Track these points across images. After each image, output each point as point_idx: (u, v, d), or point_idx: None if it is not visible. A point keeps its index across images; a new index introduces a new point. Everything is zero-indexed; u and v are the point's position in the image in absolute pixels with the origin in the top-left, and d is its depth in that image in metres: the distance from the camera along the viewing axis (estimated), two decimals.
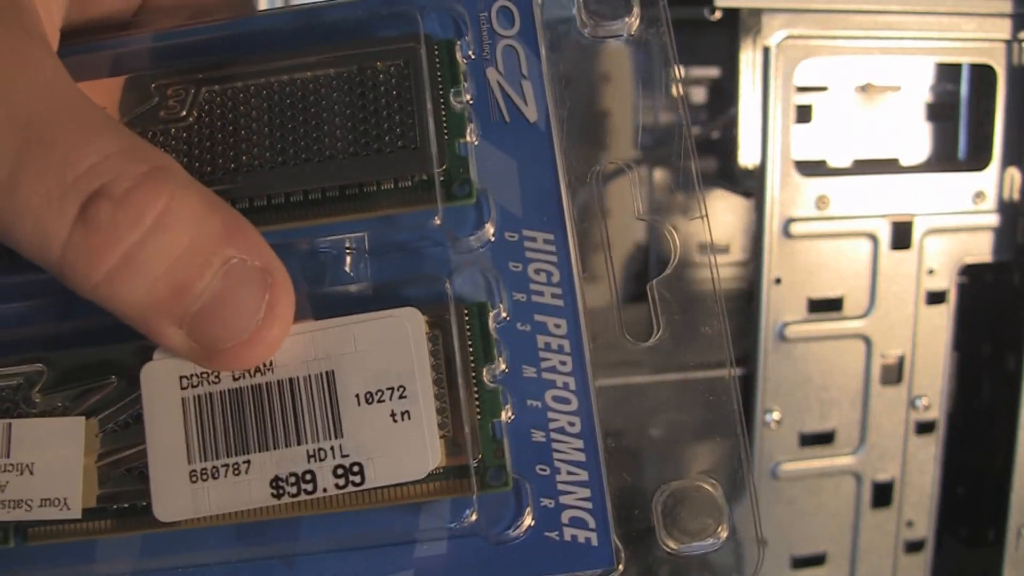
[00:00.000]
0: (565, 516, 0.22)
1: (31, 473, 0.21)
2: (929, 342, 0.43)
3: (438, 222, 0.22)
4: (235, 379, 0.21)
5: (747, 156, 0.43)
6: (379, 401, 0.21)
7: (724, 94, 0.52)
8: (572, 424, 0.22)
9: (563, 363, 0.22)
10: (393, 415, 0.21)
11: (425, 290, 0.22)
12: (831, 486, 0.43)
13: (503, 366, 0.22)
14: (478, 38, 0.23)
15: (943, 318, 0.43)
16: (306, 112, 0.22)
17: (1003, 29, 0.41)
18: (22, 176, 0.18)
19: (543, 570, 0.22)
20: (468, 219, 0.22)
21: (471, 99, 0.23)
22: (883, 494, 0.44)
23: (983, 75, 0.43)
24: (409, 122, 0.22)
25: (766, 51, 0.40)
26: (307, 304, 0.21)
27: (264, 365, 0.21)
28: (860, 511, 0.44)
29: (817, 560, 0.44)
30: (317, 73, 0.23)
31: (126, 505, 0.21)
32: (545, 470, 0.22)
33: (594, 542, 0.22)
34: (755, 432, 0.42)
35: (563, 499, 0.22)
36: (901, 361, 0.43)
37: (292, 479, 0.21)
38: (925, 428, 0.44)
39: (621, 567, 0.22)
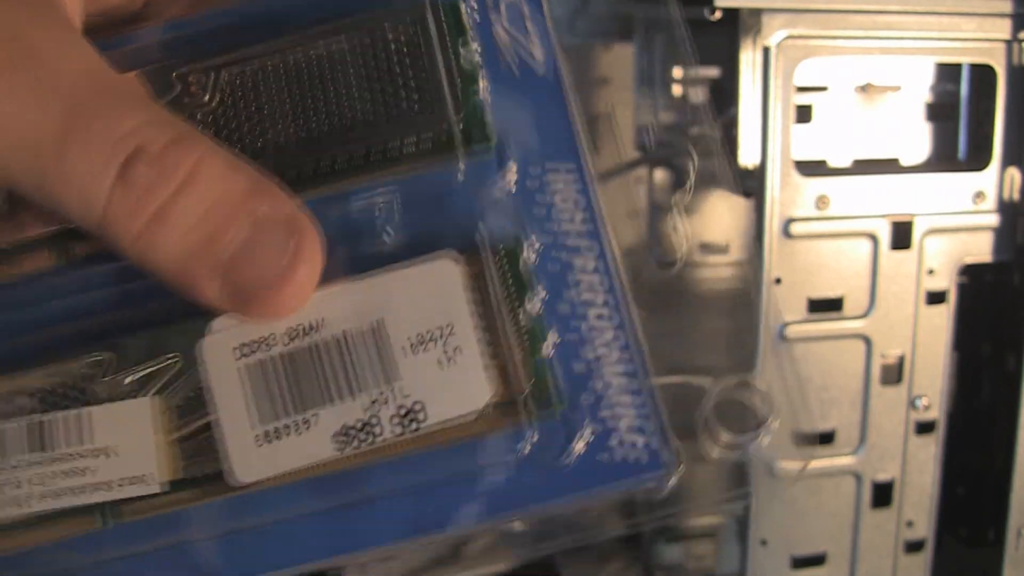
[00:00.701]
0: (617, 435, 0.23)
1: (111, 455, 0.23)
2: (929, 342, 0.43)
3: (462, 173, 0.23)
4: (287, 342, 0.22)
5: (747, 156, 0.43)
6: (430, 343, 0.22)
7: (724, 94, 0.52)
8: (615, 342, 0.23)
9: (599, 283, 0.24)
10: (444, 355, 0.22)
11: (459, 236, 0.23)
12: (831, 486, 0.44)
13: (541, 300, 0.23)
14: None
15: (943, 318, 0.43)
16: (324, 84, 0.23)
17: (1003, 29, 0.41)
18: (70, 144, 0.20)
19: (602, 482, 0.23)
20: (491, 166, 0.24)
21: (480, 56, 0.24)
22: (883, 494, 0.44)
23: (983, 75, 0.43)
24: (424, 81, 0.23)
25: (766, 51, 0.40)
26: (348, 264, 0.23)
27: (314, 323, 0.22)
28: (860, 511, 0.44)
29: (817, 560, 0.44)
30: (330, 46, 0.24)
31: (204, 474, 0.23)
32: (595, 390, 0.23)
33: (651, 451, 0.23)
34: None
35: (614, 419, 0.23)
36: (901, 361, 0.43)
37: (355, 429, 0.22)
38: (925, 428, 0.44)
39: (677, 473, 0.23)
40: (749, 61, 0.43)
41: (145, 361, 0.23)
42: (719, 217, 0.55)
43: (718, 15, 0.39)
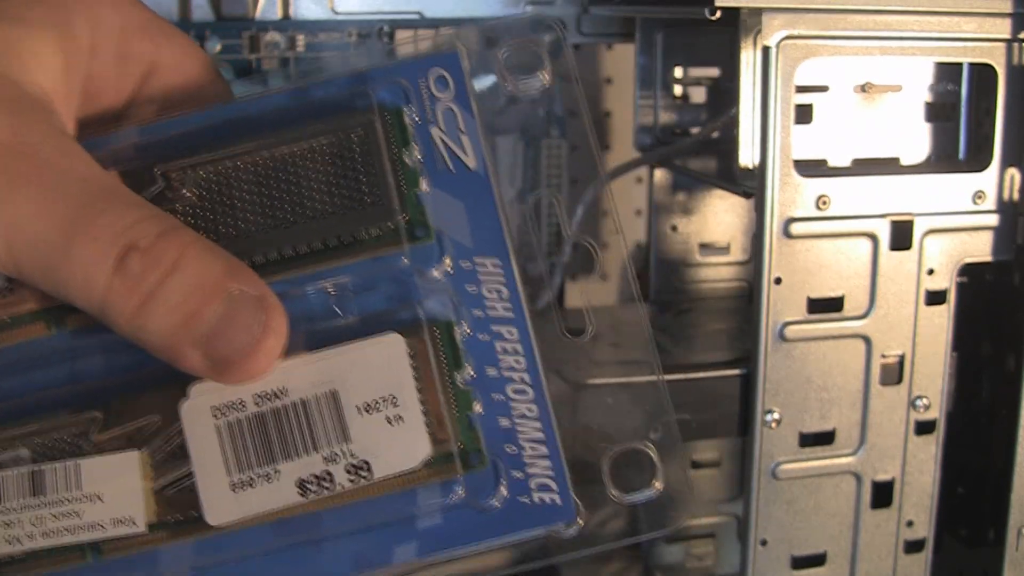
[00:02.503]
0: (533, 483, 0.27)
1: (101, 501, 0.26)
2: (929, 342, 0.43)
3: (406, 261, 0.27)
4: (256, 406, 0.26)
5: (747, 156, 0.43)
6: (376, 410, 0.26)
7: (724, 94, 0.52)
8: (531, 410, 0.28)
9: (518, 362, 0.28)
10: (389, 419, 0.26)
11: (402, 316, 0.27)
12: (831, 486, 0.44)
13: (470, 370, 0.27)
14: (420, 103, 0.28)
15: (943, 318, 0.43)
16: (288, 182, 0.27)
17: (1003, 29, 0.41)
18: (75, 242, 0.24)
19: (520, 528, 0.27)
20: (431, 255, 0.28)
21: (420, 156, 0.28)
22: (883, 494, 0.44)
23: (983, 75, 0.43)
24: (373, 181, 0.27)
25: (766, 51, 0.40)
26: (308, 340, 0.27)
27: (279, 390, 0.26)
28: (860, 511, 0.44)
29: (817, 560, 0.44)
30: (294, 148, 0.28)
31: (181, 517, 0.26)
32: (513, 449, 0.27)
33: (558, 502, 0.27)
34: (755, 432, 0.42)
35: (529, 470, 0.27)
36: (901, 361, 0.43)
37: (314, 480, 0.26)
38: (925, 428, 0.44)
39: (581, 521, 0.27)
40: (749, 61, 0.43)
41: (131, 420, 0.27)
42: (719, 217, 0.55)
43: (718, 15, 0.39)
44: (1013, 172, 0.43)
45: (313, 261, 0.27)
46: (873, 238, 0.42)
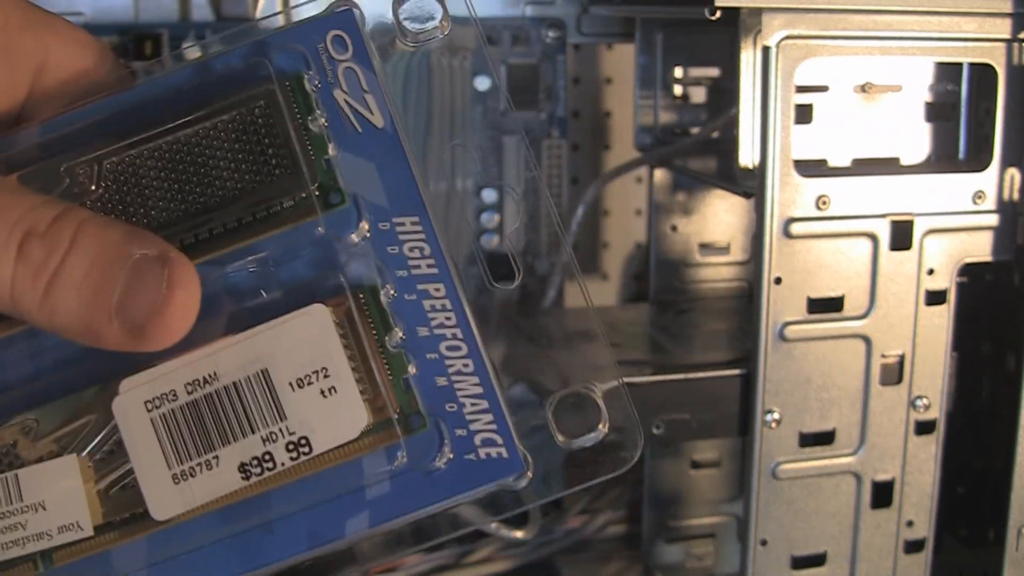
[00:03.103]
0: (477, 439, 0.27)
1: (44, 509, 0.26)
2: (929, 342, 0.43)
3: (321, 229, 0.27)
4: (188, 394, 0.26)
5: (747, 156, 0.43)
6: (309, 384, 0.26)
7: (724, 94, 0.52)
8: (466, 365, 0.27)
9: (448, 319, 0.27)
10: (323, 392, 0.26)
11: (326, 285, 0.27)
12: (831, 486, 0.44)
13: (400, 332, 0.27)
14: (320, 67, 0.28)
15: (943, 318, 0.43)
16: (196, 163, 0.27)
17: (1003, 29, 0.41)
18: None
19: (470, 486, 0.27)
20: (348, 220, 0.27)
21: (326, 121, 0.27)
22: (883, 494, 0.44)
23: (983, 75, 0.43)
24: (280, 152, 0.27)
25: (766, 51, 0.40)
26: (234, 321, 0.27)
27: (208, 376, 0.26)
28: (860, 511, 0.44)
29: (817, 560, 0.44)
30: (197, 128, 0.27)
31: (128, 515, 0.26)
32: (453, 407, 0.27)
33: (505, 455, 0.27)
34: (755, 432, 0.42)
35: (472, 426, 0.27)
36: (901, 361, 0.43)
37: (255, 462, 0.26)
38: (925, 428, 0.44)
39: (530, 473, 0.27)
40: (749, 61, 0.43)
41: (67, 423, 0.26)
42: (719, 217, 0.55)
43: (718, 15, 0.39)
44: (1013, 172, 0.43)
45: (230, 240, 0.27)
46: (873, 238, 0.42)
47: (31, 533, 0.26)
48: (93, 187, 0.27)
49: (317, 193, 0.27)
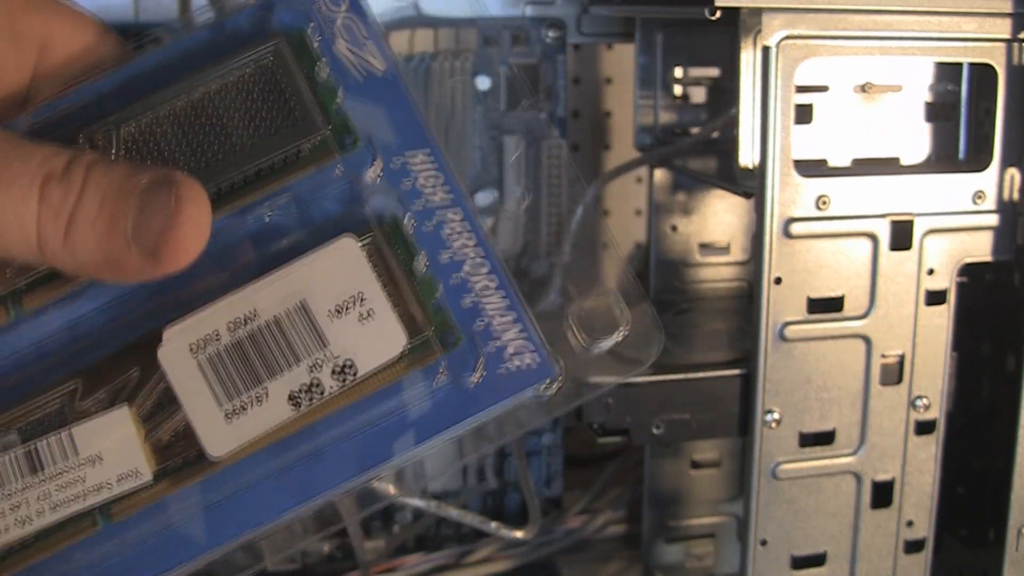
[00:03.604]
0: (510, 350, 0.28)
1: (101, 460, 0.27)
2: (929, 342, 0.43)
3: (340, 170, 0.29)
4: (231, 333, 0.27)
5: (747, 156, 0.43)
6: (347, 311, 0.27)
7: (724, 94, 0.52)
8: (491, 281, 0.29)
9: (469, 239, 0.29)
10: (361, 316, 0.27)
11: (350, 221, 0.28)
12: (831, 486, 0.44)
13: (425, 259, 0.28)
14: (320, 22, 0.29)
15: (943, 318, 0.43)
16: (211, 122, 0.28)
17: (1003, 29, 0.41)
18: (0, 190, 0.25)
19: (506, 394, 0.28)
20: (363, 160, 0.29)
21: (331, 72, 0.29)
22: (883, 494, 0.44)
23: (983, 75, 0.43)
24: (293, 101, 0.29)
25: (766, 51, 0.40)
26: (265, 262, 0.28)
27: (249, 314, 0.27)
28: (860, 511, 0.44)
29: (817, 560, 0.44)
30: (210, 87, 0.29)
31: (183, 460, 0.27)
32: (482, 323, 0.28)
33: (537, 361, 0.28)
34: (755, 432, 0.42)
35: (503, 338, 0.28)
36: (901, 361, 0.43)
37: (303, 390, 0.27)
38: (925, 428, 0.44)
39: (561, 377, 0.29)
40: (749, 61, 0.43)
41: (110, 381, 0.27)
42: (719, 217, 0.55)
43: (718, 15, 0.39)
44: (1013, 172, 0.43)
45: (251, 189, 0.28)
46: (873, 238, 0.42)
47: (91, 485, 0.27)
48: (113, 151, 0.28)
49: (331, 136, 0.29)
